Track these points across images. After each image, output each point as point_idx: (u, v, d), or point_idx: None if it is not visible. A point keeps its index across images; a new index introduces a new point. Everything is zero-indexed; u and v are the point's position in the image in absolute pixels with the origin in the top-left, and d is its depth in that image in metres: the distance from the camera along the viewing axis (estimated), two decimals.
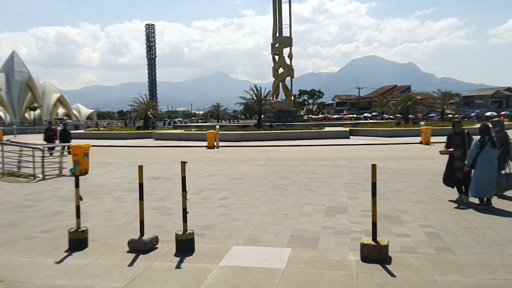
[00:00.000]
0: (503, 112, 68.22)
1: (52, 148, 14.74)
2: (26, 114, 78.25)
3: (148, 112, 39.15)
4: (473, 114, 71.92)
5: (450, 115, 53.02)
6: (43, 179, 11.50)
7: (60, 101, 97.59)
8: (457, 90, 54.56)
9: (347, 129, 32.02)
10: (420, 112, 56.49)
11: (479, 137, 7.64)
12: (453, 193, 8.64)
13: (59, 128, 19.34)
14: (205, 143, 23.57)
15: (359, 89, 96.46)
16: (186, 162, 5.55)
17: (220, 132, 26.80)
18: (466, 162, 7.72)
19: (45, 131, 19.02)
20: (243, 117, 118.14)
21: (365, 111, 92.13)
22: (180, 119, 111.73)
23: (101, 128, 48.88)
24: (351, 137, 29.38)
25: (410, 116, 42.45)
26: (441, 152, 8.81)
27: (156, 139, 30.75)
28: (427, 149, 20.23)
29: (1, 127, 42.04)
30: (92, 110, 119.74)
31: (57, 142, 17.80)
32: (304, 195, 8.87)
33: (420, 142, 23.70)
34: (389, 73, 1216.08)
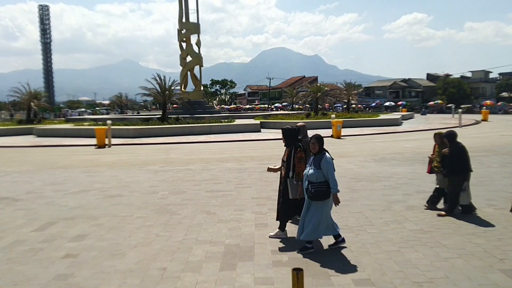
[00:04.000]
0: (400, 102, 72.83)
1: None
2: None
3: (32, 104, 33.53)
4: (373, 104, 75.83)
5: (354, 105, 54.95)
6: None
7: None
8: (357, 82, 56.57)
9: (258, 121, 30.38)
10: (327, 103, 57.64)
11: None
12: (381, 211, 7.01)
13: None
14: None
15: (270, 79, 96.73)
16: None
17: (115, 127, 23.31)
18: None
19: None
20: (154, 107, 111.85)
21: (276, 101, 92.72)
22: (83, 109, 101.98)
23: None
24: (262, 130, 27.76)
25: (319, 107, 42.52)
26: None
27: (37, 136, 26.01)
28: (339, 144, 19.22)
29: None
30: None
31: None
32: (198, 224, 6.54)
33: (331, 136, 22.80)
34: (297, 64, 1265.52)
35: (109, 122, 20.89)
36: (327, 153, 5.26)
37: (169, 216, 7.02)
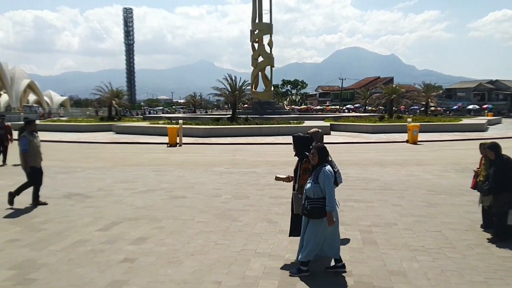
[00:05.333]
0: (485, 106, 67.01)
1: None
2: None
3: (113, 102, 35.80)
4: (455, 107, 70.60)
5: (433, 108, 51.35)
6: None
7: (31, 87, 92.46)
8: (437, 83, 52.75)
9: (328, 124, 29.50)
10: (403, 105, 54.67)
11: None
12: (463, 231, 6.19)
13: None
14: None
15: (342, 80, 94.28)
16: None
17: (186, 126, 24.00)
18: None
19: None
20: (225, 106, 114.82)
21: (347, 102, 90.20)
22: (161, 107, 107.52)
23: (60, 118, 45.06)
24: (332, 132, 26.89)
25: (394, 109, 40.39)
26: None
27: (116, 133, 27.64)
28: (415, 150, 17.89)
29: None
30: (65, 98, 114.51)
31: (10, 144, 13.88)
32: (258, 233, 6.25)
33: (407, 141, 21.38)
34: (372, 64, 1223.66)
35: (180, 121, 21.50)
36: (327, 166, 4.68)
37: (229, 223, 6.82)
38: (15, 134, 14.09)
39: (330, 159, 5.39)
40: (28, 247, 5.56)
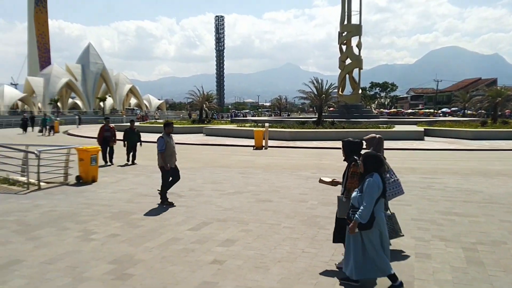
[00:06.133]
0: None
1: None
2: (101, 104, 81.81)
3: (204, 105, 37.54)
4: None
5: None
6: (39, 189, 9.73)
7: (132, 91, 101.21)
8: None
9: (422, 128, 27.65)
10: (509, 109, 49.31)
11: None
12: None
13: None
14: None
15: (437, 81, 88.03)
16: None
17: (272, 129, 24.21)
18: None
19: (100, 130, 14.76)
20: (310, 110, 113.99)
21: (443, 106, 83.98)
22: (247, 110, 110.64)
23: (157, 121, 48.32)
24: (426, 138, 25.12)
25: (498, 113, 36.53)
26: None
27: (206, 135, 28.88)
28: None
29: (58, 118, 42.96)
30: (162, 101, 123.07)
31: (115, 145, 14.72)
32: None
33: None
34: (472, 65, 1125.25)
35: (266, 124, 21.75)
36: (374, 176, 4.36)
37: (316, 230, 6.62)
38: (119, 135, 15.41)
39: (387, 168, 5.47)
40: (127, 243, 5.94)
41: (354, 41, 42.22)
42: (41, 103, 78.52)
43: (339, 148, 5.41)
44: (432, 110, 79.40)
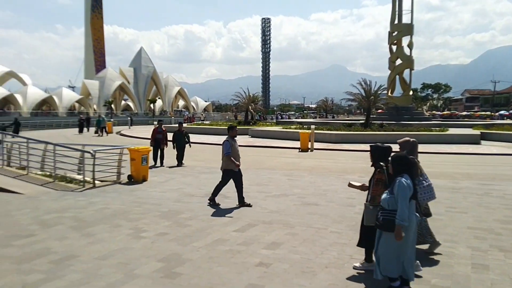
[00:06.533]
0: None
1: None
2: (151, 105, 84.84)
3: (250, 107, 37.81)
4: None
5: None
6: (93, 187, 10.21)
7: (180, 93, 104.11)
8: None
9: (478, 132, 26.19)
10: None
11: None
12: None
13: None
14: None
15: (495, 82, 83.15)
16: None
17: (318, 131, 23.91)
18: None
19: (153, 133, 15.10)
20: (357, 111, 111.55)
21: (501, 108, 79.10)
22: (292, 112, 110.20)
23: (203, 122, 49.29)
24: (482, 142, 23.75)
25: None
26: None
27: (251, 137, 29.05)
28: None
29: (111, 119, 44.82)
30: (208, 103, 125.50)
31: (165, 148, 14.94)
32: None
33: None
34: None
35: (312, 127, 21.52)
36: (404, 177, 4.34)
37: None
38: (169, 136, 15.79)
39: (420, 171, 5.49)
40: (175, 242, 6.07)
41: (405, 41, 40.85)
42: (96, 104, 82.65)
43: None
44: (489, 113, 74.95)
